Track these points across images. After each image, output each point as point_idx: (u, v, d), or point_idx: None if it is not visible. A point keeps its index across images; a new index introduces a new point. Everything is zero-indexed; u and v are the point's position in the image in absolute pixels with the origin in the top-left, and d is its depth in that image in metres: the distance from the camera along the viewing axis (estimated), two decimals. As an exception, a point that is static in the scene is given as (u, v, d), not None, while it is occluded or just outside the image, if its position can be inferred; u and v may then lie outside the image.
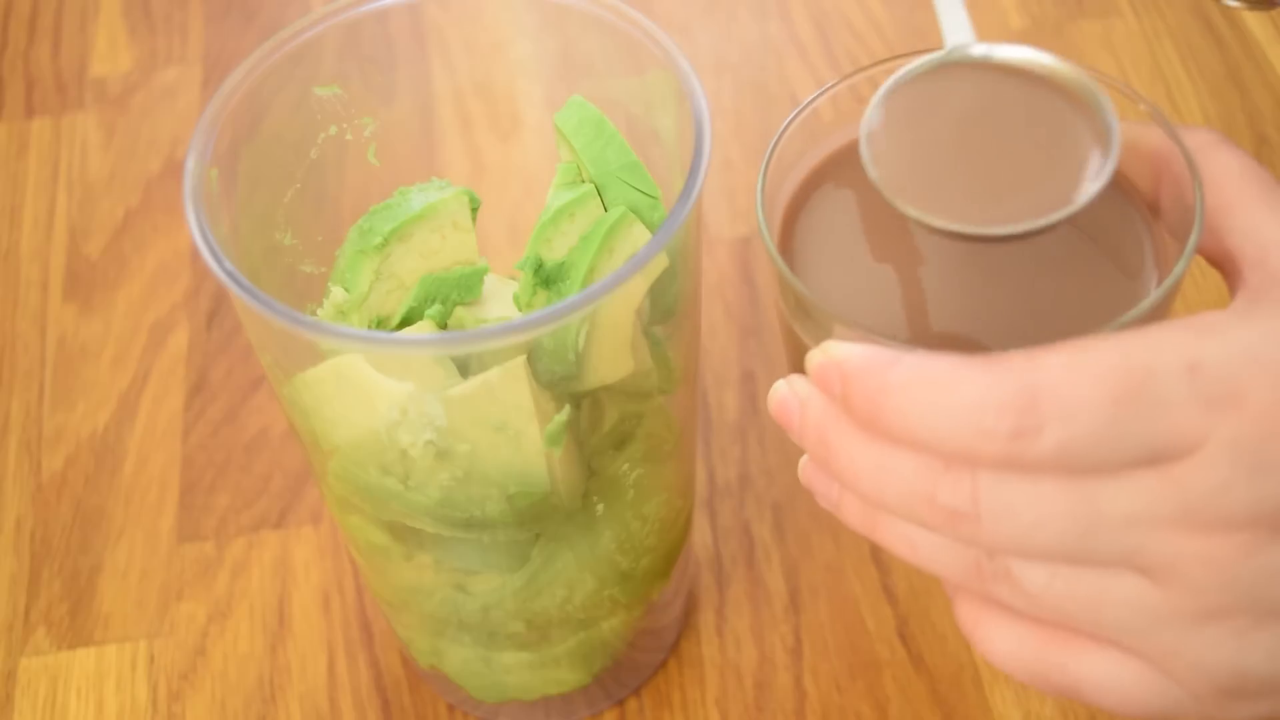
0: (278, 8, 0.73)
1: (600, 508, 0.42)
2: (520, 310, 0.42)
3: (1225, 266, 0.35)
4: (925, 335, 0.36)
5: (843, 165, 0.39)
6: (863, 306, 0.37)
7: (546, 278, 0.41)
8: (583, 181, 0.42)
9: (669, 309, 0.40)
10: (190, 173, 0.38)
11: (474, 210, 0.44)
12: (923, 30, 0.67)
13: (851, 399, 0.31)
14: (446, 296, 0.43)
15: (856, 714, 0.48)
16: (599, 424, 0.41)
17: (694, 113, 0.38)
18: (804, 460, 0.35)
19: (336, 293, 0.43)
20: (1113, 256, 0.37)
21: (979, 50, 0.36)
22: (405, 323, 0.43)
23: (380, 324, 0.43)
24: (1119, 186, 0.38)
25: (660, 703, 0.49)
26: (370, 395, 0.37)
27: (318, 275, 0.44)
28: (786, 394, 0.34)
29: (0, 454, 0.57)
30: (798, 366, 0.35)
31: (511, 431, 0.38)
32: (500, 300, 0.44)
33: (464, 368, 0.38)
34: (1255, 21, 0.67)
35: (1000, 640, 0.33)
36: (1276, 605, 0.30)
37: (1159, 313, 0.35)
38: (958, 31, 0.37)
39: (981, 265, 0.37)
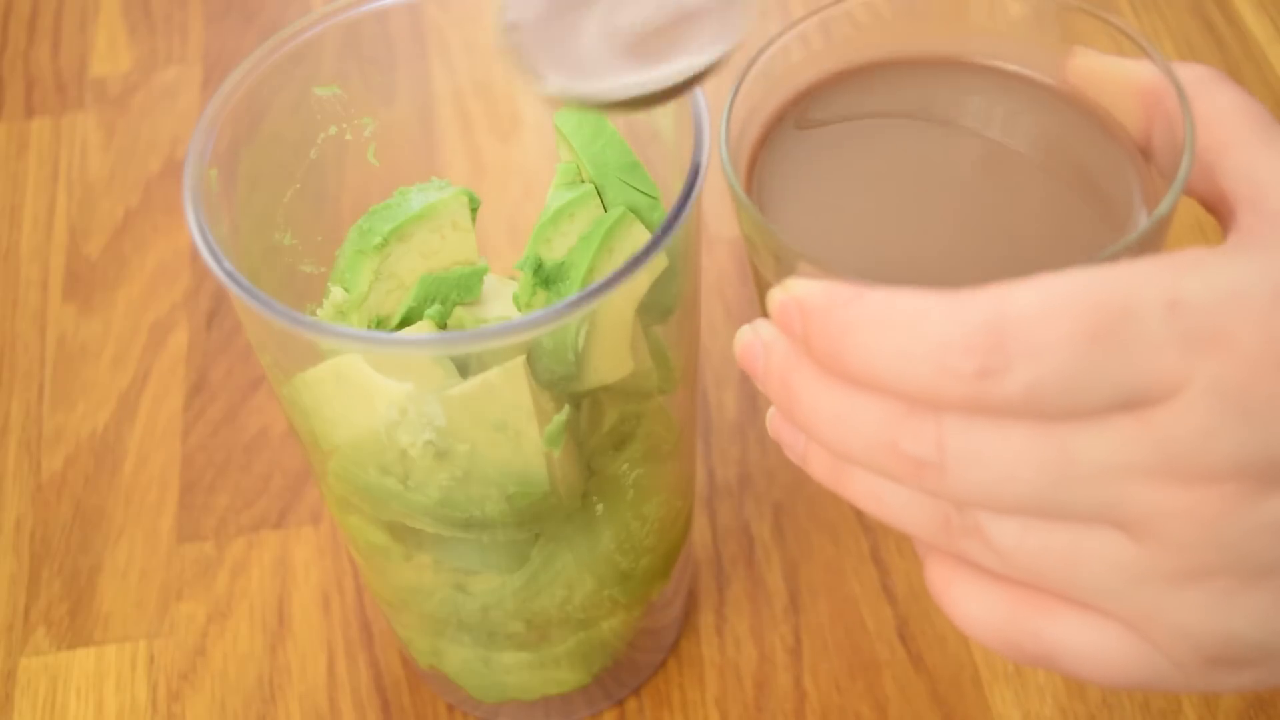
0: (278, 8, 0.73)
1: (600, 508, 0.42)
2: (520, 310, 0.42)
3: (1219, 209, 0.34)
4: (897, 275, 0.34)
5: (810, 107, 0.38)
6: (833, 247, 0.35)
7: (546, 278, 0.41)
8: (583, 181, 0.42)
9: (669, 309, 0.40)
10: (190, 173, 0.38)
11: (474, 210, 0.44)
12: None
13: (811, 338, 0.30)
14: (446, 296, 0.43)
15: (856, 714, 0.48)
16: (599, 424, 0.41)
17: (694, 113, 0.38)
18: (771, 410, 0.33)
19: (336, 293, 0.43)
20: (1097, 197, 0.36)
21: None
22: (405, 323, 0.43)
23: (380, 324, 0.43)
24: (1105, 128, 0.37)
25: (660, 703, 0.49)
26: (370, 395, 0.37)
27: (318, 275, 0.44)
28: (751, 338, 0.32)
29: (0, 454, 0.57)
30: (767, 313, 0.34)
31: (511, 431, 0.38)
32: (500, 300, 0.44)
33: (464, 368, 0.38)
34: (1255, 21, 0.67)
35: (971, 604, 0.31)
36: (1264, 565, 0.28)
37: (1145, 253, 0.32)
38: None
39: (958, 208, 0.36)
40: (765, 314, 0.34)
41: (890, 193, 0.36)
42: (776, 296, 0.31)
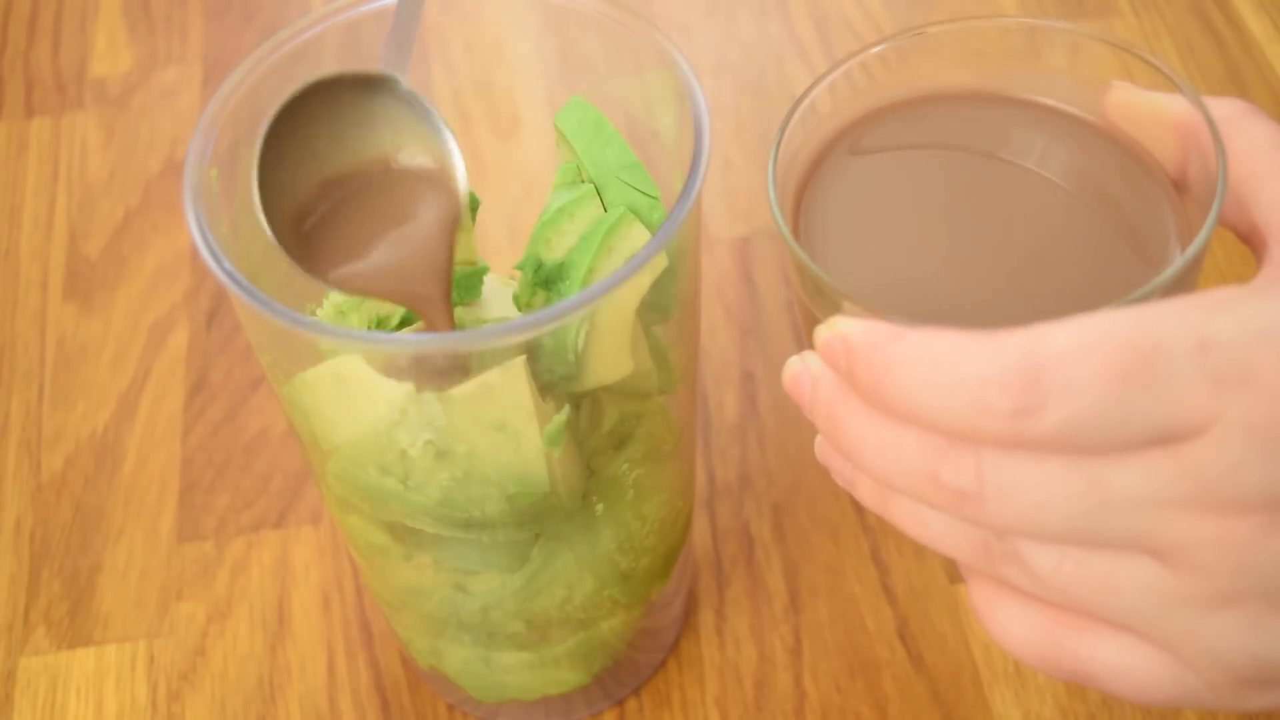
0: (278, 8, 0.73)
1: (600, 508, 0.42)
2: (520, 310, 0.42)
3: (1253, 240, 0.35)
4: (936, 309, 0.35)
5: (853, 142, 0.39)
6: (875, 280, 0.36)
7: (546, 278, 0.41)
8: (583, 181, 0.42)
9: (669, 309, 0.40)
10: (190, 173, 0.38)
11: (474, 210, 0.44)
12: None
13: (856, 374, 0.31)
14: (446, 296, 0.43)
15: (856, 714, 0.48)
16: (599, 424, 0.41)
17: (694, 113, 0.38)
18: (819, 438, 0.34)
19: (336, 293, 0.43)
20: (1133, 230, 0.36)
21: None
22: (405, 323, 0.43)
23: (380, 324, 0.43)
24: (1141, 162, 0.37)
25: (660, 703, 0.49)
26: (370, 395, 0.37)
27: (318, 275, 0.44)
28: (799, 370, 0.33)
29: (0, 454, 0.57)
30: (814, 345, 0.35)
31: (511, 431, 0.38)
32: (500, 300, 0.44)
33: (464, 368, 0.38)
34: (1255, 21, 0.67)
35: (1012, 624, 0.32)
36: None
37: (1180, 287, 0.33)
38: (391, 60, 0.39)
39: (997, 242, 0.36)
40: (809, 342, 0.35)
41: (932, 226, 0.37)
42: (822, 334, 0.32)
